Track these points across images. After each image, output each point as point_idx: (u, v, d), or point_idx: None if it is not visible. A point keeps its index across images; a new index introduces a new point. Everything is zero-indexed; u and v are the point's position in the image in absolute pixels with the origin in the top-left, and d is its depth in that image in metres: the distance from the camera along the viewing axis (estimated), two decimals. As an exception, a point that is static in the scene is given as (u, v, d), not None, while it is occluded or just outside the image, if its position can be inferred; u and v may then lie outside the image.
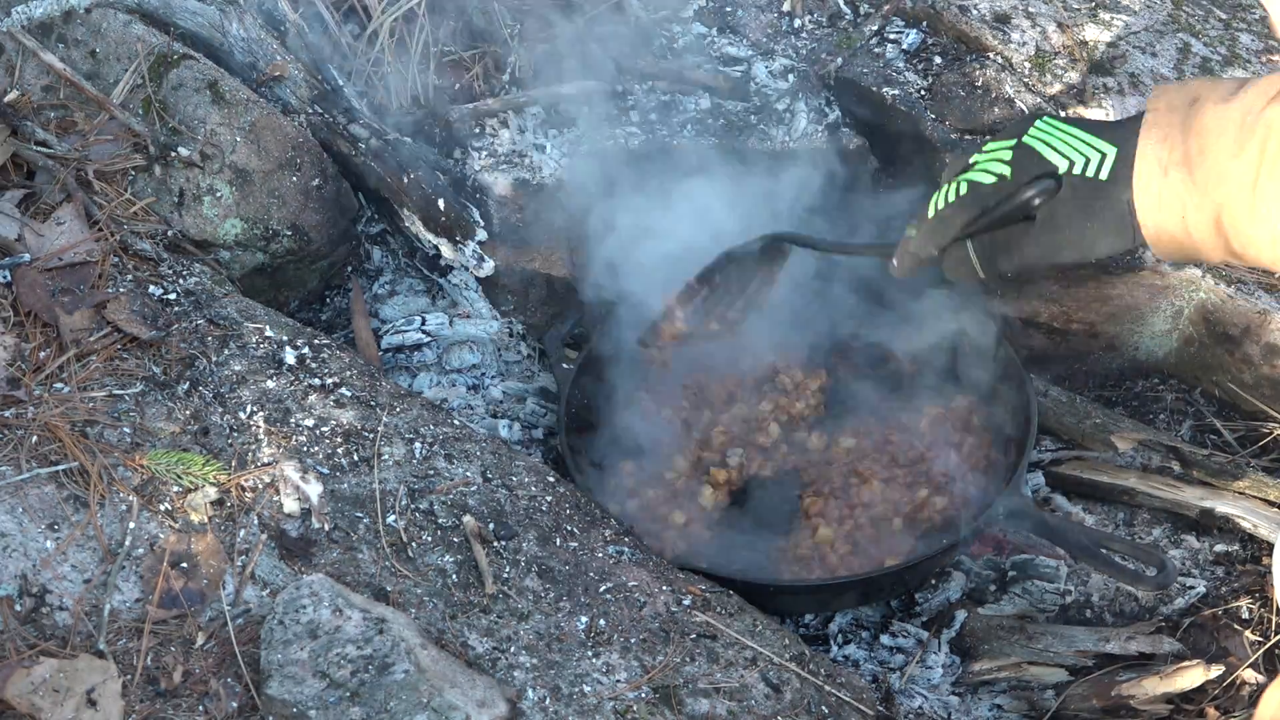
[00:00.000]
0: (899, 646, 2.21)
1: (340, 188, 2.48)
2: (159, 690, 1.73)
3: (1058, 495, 2.41)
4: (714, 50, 2.82)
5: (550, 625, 1.87)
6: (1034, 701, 2.11)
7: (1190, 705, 2.05)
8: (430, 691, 1.67)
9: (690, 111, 2.69)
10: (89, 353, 2.08)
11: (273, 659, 1.71)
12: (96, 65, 2.42)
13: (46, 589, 1.80)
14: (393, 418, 2.10)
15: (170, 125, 2.36)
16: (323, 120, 2.50)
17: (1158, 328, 2.51)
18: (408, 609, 1.84)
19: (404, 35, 2.72)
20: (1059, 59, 2.68)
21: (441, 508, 1.99)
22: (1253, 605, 2.18)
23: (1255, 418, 2.44)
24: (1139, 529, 2.36)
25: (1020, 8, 2.78)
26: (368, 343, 2.48)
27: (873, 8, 2.88)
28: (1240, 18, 2.85)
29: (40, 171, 2.28)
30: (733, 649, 1.89)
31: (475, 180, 2.54)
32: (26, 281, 2.13)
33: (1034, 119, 1.60)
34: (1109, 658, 2.13)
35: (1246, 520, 2.27)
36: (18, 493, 1.88)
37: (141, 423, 2.01)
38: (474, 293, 2.57)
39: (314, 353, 2.18)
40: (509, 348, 2.60)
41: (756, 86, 2.74)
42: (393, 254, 2.64)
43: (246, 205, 2.36)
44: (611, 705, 1.78)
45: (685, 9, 2.92)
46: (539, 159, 2.57)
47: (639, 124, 2.66)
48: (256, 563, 1.88)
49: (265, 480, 1.97)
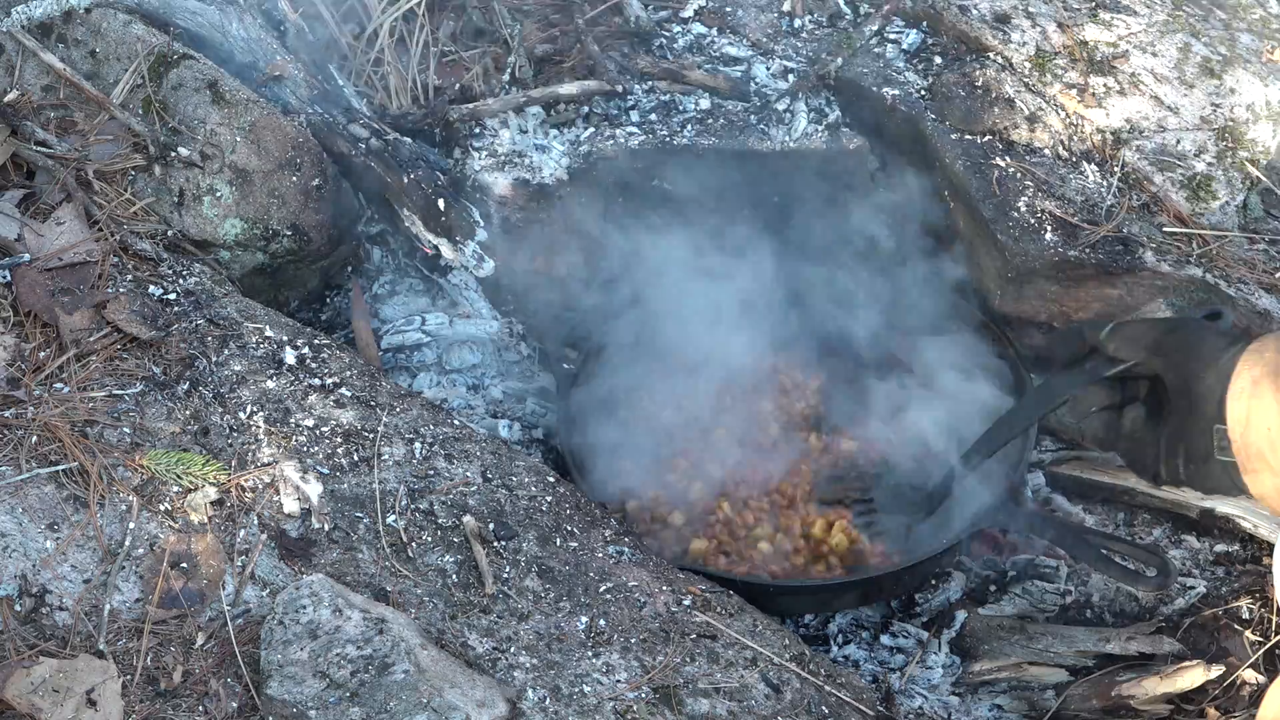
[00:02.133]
0: (899, 646, 2.21)
1: (340, 188, 2.48)
2: (159, 690, 1.73)
3: (1058, 495, 2.41)
4: (714, 50, 2.82)
5: (550, 625, 1.87)
6: (1034, 701, 2.11)
7: (1190, 705, 2.05)
8: (430, 692, 1.67)
9: (690, 111, 2.69)
10: (89, 353, 2.08)
11: (273, 659, 1.71)
12: (96, 65, 2.42)
13: (46, 589, 1.80)
14: (393, 418, 2.10)
15: (170, 125, 2.35)
16: (323, 120, 2.50)
17: (1158, 328, 2.51)
18: (408, 609, 1.84)
19: (404, 35, 2.72)
20: (1059, 59, 2.68)
21: (441, 508, 1.99)
22: (1253, 605, 2.18)
23: (1255, 418, 2.44)
24: (1139, 529, 2.36)
25: (1020, 8, 2.78)
26: (368, 343, 2.48)
27: (873, 8, 2.88)
28: (1240, 18, 2.85)
29: (40, 171, 2.28)
30: (733, 649, 1.89)
31: (475, 180, 2.54)
32: (26, 281, 2.13)
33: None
34: (1109, 658, 2.13)
35: (1246, 520, 2.27)
36: (18, 493, 1.88)
37: (141, 423, 2.01)
38: (474, 293, 2.57)
39: (314, 353, 2.18)
40: (509, 348, 2.60)
41: (756, 86, 2.74)
42: (393, 254, 2.64)
43: (246, 205, 2.36)
44: (611, 705, 1.78)
45: (685, 9, 2.92)
46: (539, 159, 2.57)
47: (639, 124, 2.66)
48: (256, 563, 1.88)
49: (265, 480, 1.97)
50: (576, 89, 2.68)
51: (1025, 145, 2.59)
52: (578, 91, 2.68)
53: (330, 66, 2.61)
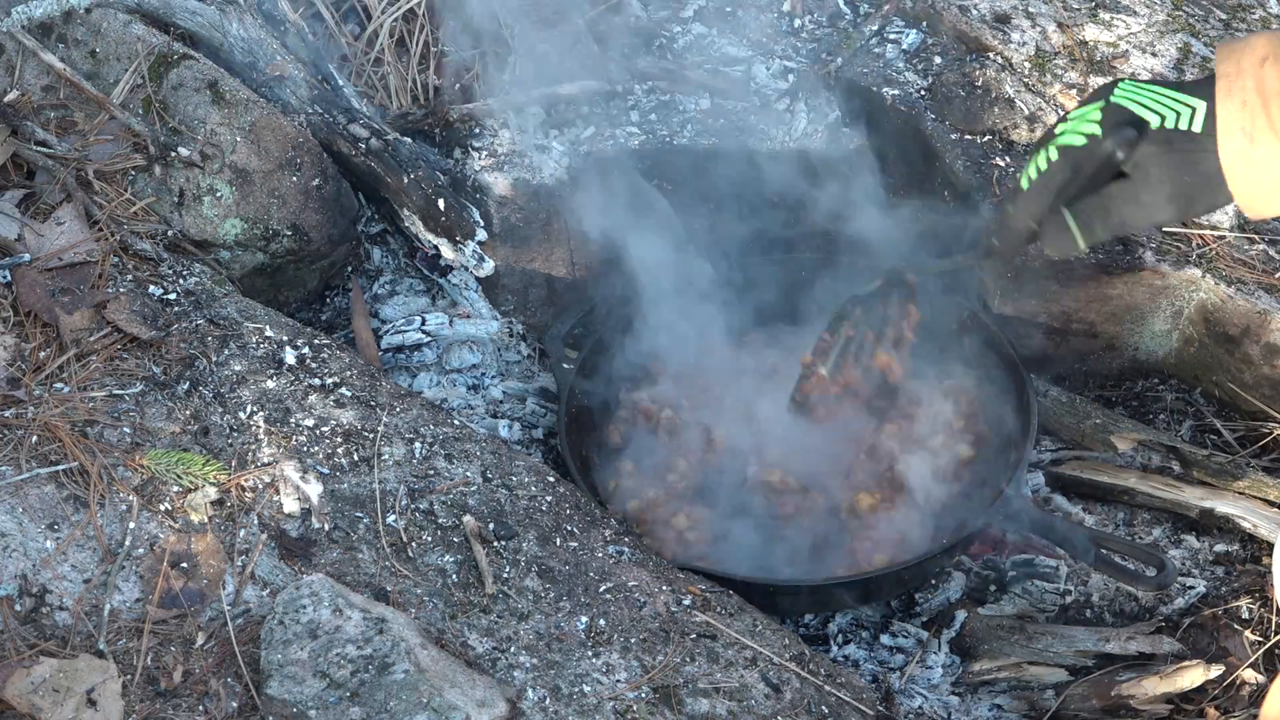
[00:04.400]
0: (899, 646, 2.21)
1: (340, 188, 2.48)
2: (159, 690, 1.73)
3: (1058, 495, 2.41)
4: (714, 50, 2.82)
5: (550, 625, 1.87)
6: (1034, 701, 2.11)
7: (1190, 705, 2.05)
8: (430, 691, 1.67)
9: (690, 111, 2.69)
10: (89, 353, 2.08)
11: (273, 659, 1.71)
12: (96, 65, 2.42)
13: (46, 589, 1.80)
14: (393, 418, 2.10)
15: (170, 125, 2.36)
16: (323, 120, 2.50)
17: (1158, 328, 2.51)
18: (408, 609, 1.84)
19: (404, 35, 2.72)
20: (1059, 59, 2.68)
21: (441, 508, 1.99)
22: (1253, 605, 2.18)
23: (1255, 418, 2.44)
24: (1139, 529, 2.36)
25: (1020, 8, 2.78)
26: (368, 343, 2.48)
27: (873, 8, 2.88)
28: (1240, 18, 2.85)
29: (40, 171, 2.28)
30: (733, 649, 1.89)
31: (475, 180, 2.54)
32: (26, 281, 2.13)
33: (1115, 83, 1.60)
34: (1109, 658, 2.13)
35: (1246, 520, 2.27)
36: (18, 493, 1.88)
37: (141, 423, 2.01)
38: (474, 293, 2.57)
39: (314, 353, 2.18)
40: (509, 348, 2.60)
41: (756, 86, 2.74)
42: (393, 254, 2.64)
43: (246, 205, 2.36)
44: (611, 705, 1.78)
45: (685, 9, 2.92)
46: (539, 159, 2.57)
47: (639, 124, 2.66)
48: (256, 563, 1.88)
49: (265, 480, 1.97)
50: (576, 89, 2.68)
51: (1025, 145, 2.59)
52: (578, 91, 2.68)
53: (330, 66, 2.61)
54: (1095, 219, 1.61)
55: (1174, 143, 1.52)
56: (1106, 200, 1.60)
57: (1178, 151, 1.52)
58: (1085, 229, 1.63)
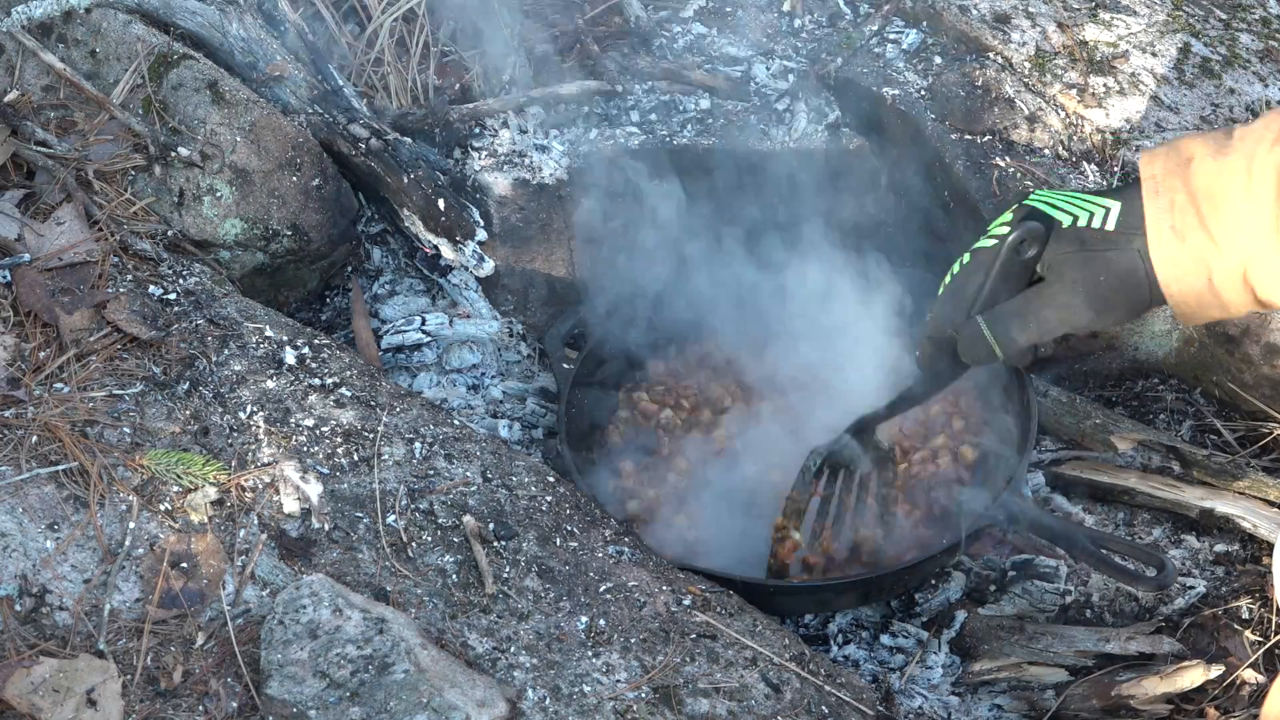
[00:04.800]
0: (899, 646, 2.21)
1: (340, 188, 2.48)
2: (159, 690, 1.73)
3: (1058, 495, 2.41)
4: (714, 50, 2.82)
5: (550, 625, 1.87)
6: (1034, 701, 2.11)
7: (1190, 705, 2.05)
8: (430, 691, 1.67)
9: (690, 111, 2.69)
10: (89, 353, 2.08)
11: (273, 659, 1.71)
12: (96, 65, 2.42)
13: (46, 589, 1.80)
14: (393, 418, 2.10)
15: (170, 125, 2.36)
16: (323, 120, 2.50)
17: (1158, 328, 2.51)
18: (408, 609, 1.84)
19: (404, 35, 2.72)
20: (1059, 59, 2.68)
21: (441, 508, 1.99)
22: (1253, 605, 2.18)
23: (1255, 418, 2.44)
24: (1139, 529, 2.36)
25: (1020, 8, 2.78)
26: (368, 343, 2.48)
27: (873, 8, 2.88)
28: (1240, 18, 2.85)
29: (40, 171, 2.28)
30: (733, 649, 1.89)
31: (475, 180, 2.54)
32: (26, 281, 2.13)
33: (1030, 192, 1.61)
34: (1109, 658, 2.13)
35: (1246, 520, 2.27)
36: (18, 493, 1.88)
37: (141, 423, 2.01)
38: (474, 293, 2.57)
39: (314, 353, 2.18)
40: (509, 348, 2.60)
41: (756, 86, 2.74)
42: (393, 254, 2.64)
43: (246, 205, 2.36)
44: (611, 705, 1.78)
45: (685, 9, 2.92)
46: (539, 159, 2.57)
47: (639, 124, 2.66)
48: (256, 563, 1.88)
49: (265, 480, 1.97)
50: (576, 89, 2.68)
51: (1025, 145, 2.59)
52: (578, 91, 2.68)
53: (330, 66, 2.61)
54: (1012, 324, 1.59)
55: (1086, 241, 1.51)
56: (1023, 304, 1.58)
57: (1091, 250, 1.51)
58: (1001, 336, 1.60)
